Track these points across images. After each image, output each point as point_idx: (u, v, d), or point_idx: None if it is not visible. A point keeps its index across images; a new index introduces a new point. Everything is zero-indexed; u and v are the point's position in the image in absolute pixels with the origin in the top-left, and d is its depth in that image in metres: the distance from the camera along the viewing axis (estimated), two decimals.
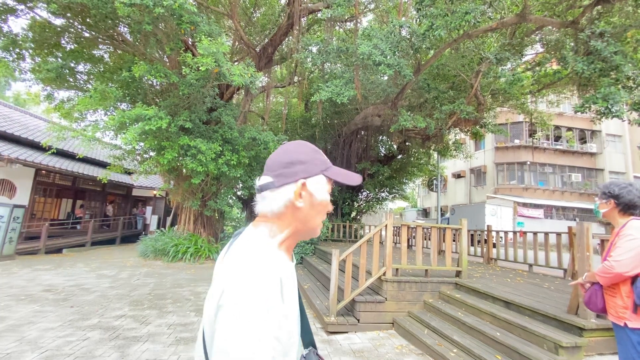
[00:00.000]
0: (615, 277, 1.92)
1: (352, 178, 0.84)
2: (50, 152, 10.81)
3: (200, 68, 7.14)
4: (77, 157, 12.34)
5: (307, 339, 0.89)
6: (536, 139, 23.54)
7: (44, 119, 16.04)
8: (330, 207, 0.83)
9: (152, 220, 18.10)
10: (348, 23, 12.10)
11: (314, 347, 0.89)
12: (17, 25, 30.84)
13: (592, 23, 7.02)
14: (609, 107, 6.60)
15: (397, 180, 16.72)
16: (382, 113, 11.05)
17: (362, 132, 15.79)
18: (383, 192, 16.95)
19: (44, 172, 12.47)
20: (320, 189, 0.79)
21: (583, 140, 24.73)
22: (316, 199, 0.79)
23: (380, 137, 17.03)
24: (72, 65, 9.71)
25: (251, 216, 18.61)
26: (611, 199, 2.08)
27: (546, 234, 6.98)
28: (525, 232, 7.69)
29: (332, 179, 0.81)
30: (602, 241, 3.49)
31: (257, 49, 11.79)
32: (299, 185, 0.77)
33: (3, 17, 8.53)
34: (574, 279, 3.71)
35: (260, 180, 0.79)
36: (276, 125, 15.90)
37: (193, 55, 8.00)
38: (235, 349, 0.59)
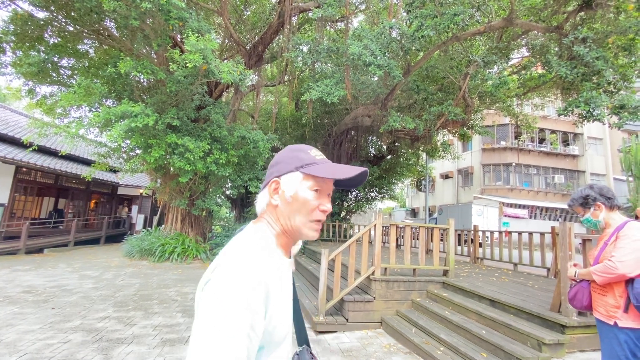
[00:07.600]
0: (617, 277, 1.89)
1: (343, 171, 0.76)
2: (31, 149, 10.45)
3: (187, 65, 7.03)
4: (60, 154, 12.01)
5: (302, 337, 0.92)
6: (521, 141, 24.09)
7: (26, 114, 15.49)
8: (317, 205, 0.79)
9: (139, 220, 17.75)
10: (339, 23, 12.10)
11: (308, 345, 0.92)
12: None
13: (575, 29, 7.20)
14: (591, 110, 6.79)
15: (387, 180, 16.85)
16: (372, 113, 11.10)
17: (352, 132, 15.85)
18: (372, 192, 17.05)
19: (24, 169, 12.08)
20: (291, 186, 0.78)
21: (566, 142, 25.43)
22: (288, 195, 0.78)
23: (370, 138, 17.13)
24: (56, 59, 9.41)
25: (240, 215, 18.45)
26: (598, 202, 2.08)
27: (530, 233, 7.14)
28: (510, 232, 7.86)
29: (310, 174, 0.77)
30: (584, 240, 3.58)
31: (248, 47, 11.68)
32: (270, 184, 0.81)
33: None
34: (557, 278, 3.79)
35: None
36: (266, 124, 15.81)
37: (181, 51, 7.87)
38: (206, 337, 0.58)
